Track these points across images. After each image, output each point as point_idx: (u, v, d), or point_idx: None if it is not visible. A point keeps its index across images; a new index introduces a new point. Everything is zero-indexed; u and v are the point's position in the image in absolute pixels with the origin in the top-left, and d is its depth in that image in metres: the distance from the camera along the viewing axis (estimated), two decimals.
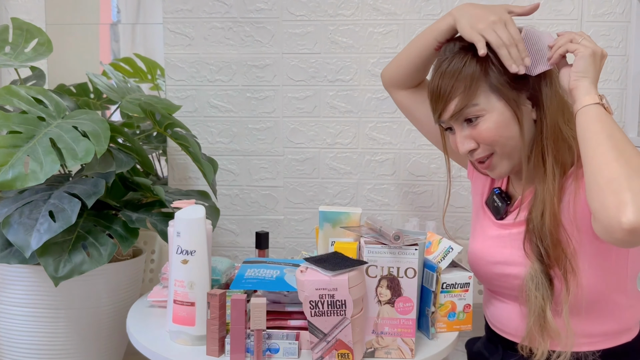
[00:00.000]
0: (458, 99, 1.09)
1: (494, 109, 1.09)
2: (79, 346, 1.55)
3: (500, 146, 1.10)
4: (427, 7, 1.78)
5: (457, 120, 1.12)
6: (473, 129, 1.11)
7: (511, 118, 1.09)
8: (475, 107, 1.09)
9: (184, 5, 1.83)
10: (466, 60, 1.10)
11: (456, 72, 1.10)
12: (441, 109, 1.12)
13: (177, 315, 1.17)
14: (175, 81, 1.87)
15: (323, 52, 1.82)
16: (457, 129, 1.13)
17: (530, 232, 1.11)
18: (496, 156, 1.12)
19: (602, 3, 1.73)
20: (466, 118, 1.11)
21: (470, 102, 1.09)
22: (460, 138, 1.12)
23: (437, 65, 1.15)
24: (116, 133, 1.57)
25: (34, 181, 1.34)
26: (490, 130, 1.09)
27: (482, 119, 1.10)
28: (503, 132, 1.09)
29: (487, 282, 1.25)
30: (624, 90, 1.75)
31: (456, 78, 1.10)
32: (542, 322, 1.07)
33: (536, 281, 1.08)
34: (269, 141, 1.86)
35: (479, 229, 1.26)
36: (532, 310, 1.08)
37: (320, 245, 1.26)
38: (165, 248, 1.81)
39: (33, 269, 1.48)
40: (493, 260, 1.18)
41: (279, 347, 1.10)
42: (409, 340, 1.11)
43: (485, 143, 1.11)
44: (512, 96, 1.09)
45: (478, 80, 1.09)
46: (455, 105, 1.10)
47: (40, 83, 1.81)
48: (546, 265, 1.08)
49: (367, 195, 1.85)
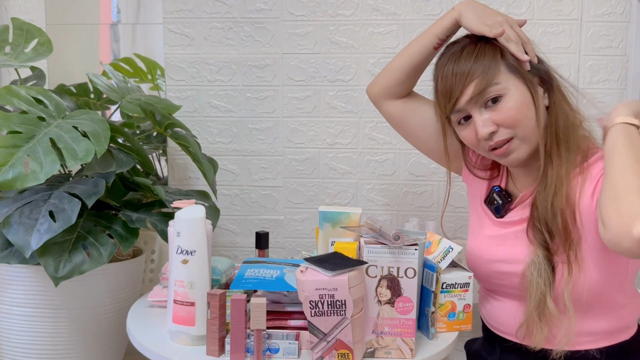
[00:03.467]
0: (478, 80, 1.07)
1: (515, 88, 1.08)
2: (79, 346, 1.55)
3: (521, 127, 1.09)
4: (427, 7, 1.78)
5: (475, 104, 1.09)
6: (494, 111, 1.09)
7: (530, 99, 1.09)
8: (498, 86, 1.08)
9: (184, 5, 1.83)
10: (479, 45, 1.10)
11: (472, 54, 1.09)
12: (459, 94, 1.09)
13: (177, 315, 1.17)
14: (175, 81, 1.87)
15: (323, 52, 1.82)
16: (475, 114, 1.10)
17: (535, 218, 1.11)
18: (516, 140, 1.10)
19: (602, 3, 1.73)
20: (487, 99, 1.08)
21: (492, 81, 1.07)
22: (480, 122, 1.09)
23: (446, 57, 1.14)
24: (116, 133, 1.57)
25: (34, 181, 1.34)
26: (513, 110, 1.08)
27: (505, 98, 1.08)
28: (525, 112, 1.08)
29: (484, 281, 1.25)
30: (624, 90, 1.75)
31: (474, 60, 1.08)
32: (542, 307, 1.07)
33: (539, 267, 1.08)
34: (269, 141, 1.86)
35: (477, 228, 1.25)
36: (533, 295, 1.08)
37: (320, 245, 1.26)
38: (165, 248, 1.81)
39: (33, 269, 1.48)
40: (491, 258, 1.18)
41: (279, 347, 1.10)
42: (409, 340, 1.11)
43: (507, 124, 1.08)
44: (528, 77, 1.10)
45: (497, 60, 1.09)
46: (475, 86, 1.08)
47: (40, 83, 1.81)
48: (550, 252, 1.08)
49: (367, 195, 1.85)
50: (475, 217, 1.28)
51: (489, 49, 1.10)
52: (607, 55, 1.75)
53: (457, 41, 1.16)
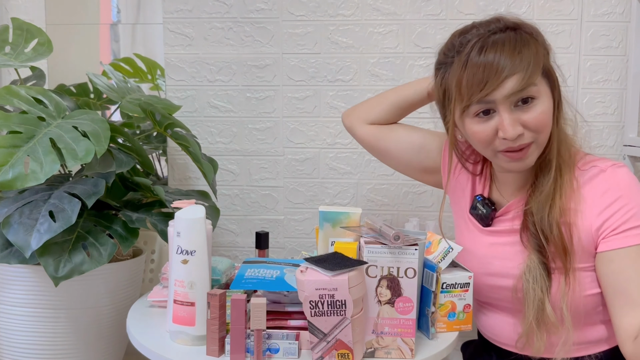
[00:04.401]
0: (520, 76, 0.98)
1: (545, 92, 1.03)
2: (79, 346, 1.55)
3: (543, 134, 1.04)
4: (427, 7, 1.78)
5: (507, 100, 1.00)
6: (524, 113, 1.01)
7: (552, 107, 1.04)
8: (535, 88, 1.00)
9: (184, 5, 1.83)
10: (521, 37, 1.00)
11: (517, 45, 0.99)
12: (495, 86, 0.98)
13: (177, 315, 1.17)
14: (175, 81, 1.87)
15: (323, 52, 1.82)
16: (504, 111, 1.01)
17: (529, 223, 1.08)
18: (534, 145, 1.04)
19: (602, 3, 1.73)
20: (522, 98, 1.00)
21: (533, 81, 0.99)
22: (510, 121, 1.00)
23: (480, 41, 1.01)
24: (116, 133, 1.57)
25: (34, 181, 1.33)
26: (544, 115, 1.01)
27: (537, 101, 1.01)
28: (549, 119, 1.03)
29: (477, 293, 1.23)
30: (624, 90, 1.75)
31: (519, 51, 0.98)
32: (540, 315, 1.05)
33: (534, 273, 1.05)
34: (269, 141, 1.86)
35: (465, 238, 1.24)
36: (531, 303, 1.06)
37: (320, 245, 1.26)
38: (165, 248, 1.81)
39: (33, 269, 1.48)
40: (485, 272, 1.17)
41: (279, 347, 1.10)
42: (409, 340, 1.11)
43: (533, 128, 1.02)
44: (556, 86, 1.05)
45: (541, 58, 1.01)
46: (516, 83, 0.98)
47: (40, 83, 1.81)
48: (545, 257, 1.06)
49: (367, 195, 1.85)
50: (463, 227, 1.25)
51: (532, 44, 1.01)
52: (607, 55, 1.75)
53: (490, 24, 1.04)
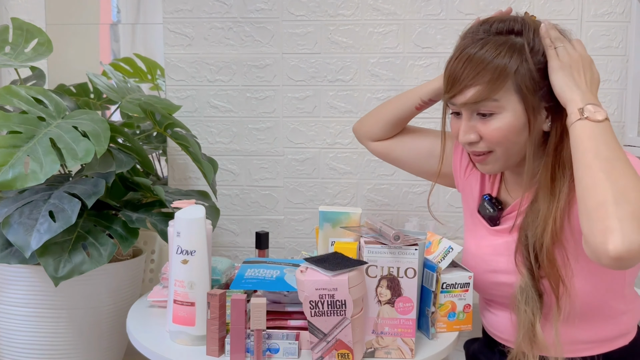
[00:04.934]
0: (480, 88, 1.02)
1: (512, 110, 1.03)
2: (78, 346, 1.55)
3: (503, 149, 1.06)
4: (427, 7, 1.78)
5: (468, 109, 1.05)
6: (482, 124, 1.05)
7: (524, 124, 1.04)
8: (494, 103, 1.03)
9: (184, 5, 1.83)
10: (502, 50, 1.02)
11: (486, 59, 1.02)
12: (456, 92, 1.04)
13: (177, 315, 1.17)
14: (175, 81, 1.87)
15: (323, 52, 1.82)
16: (465, 116, 1.06)
17: (522, 245, 1.08)
18: (494, 155, 1.08)
19: (602, 3, 1.73)
20: (480, 112, 1.04)
21: (491, 96, 1.02)
22: (465, 127, 1.06)
23: (464, 45, 1.06)
24: (116, 133, 1.57)
25: (34, 181, 1.33)
26: (499, 131, 1.04)
27: (496, 116, 1.04)
28: (511, 136, 1.04)
29: (481, 291, 1.24)
30: (624, 90, 1.75)
31: (485, 66, 1.02)
32: (531, 336, 1.05)
33: (525, 295, 1.06)
34: (269, 141, 1.86)
35: (473, 237, 1.24)
36: (522, 324, 1.06)
37: (320, 245, 1.26)
38: (165, 248, 1.81)
39: (33, 269, 1.48)
40: (489, 268, 1.17)
41: (279, 347, 1.10)
42: (409, 340, 1.11)
43: (490, 142, 1.05)
44: (533, 103, 1.03)
45: (507, 75, 1.01)
46: (474, 94, 1.02)
47: (40, 83, 1.81)
48: (536, 280, 1.05)
49: (367, 195, 1.85)
50: (471, 226, 1.26)
51: (508, 56, 1.02)
52: (607, 55, 1.75)
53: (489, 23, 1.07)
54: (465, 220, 1.29)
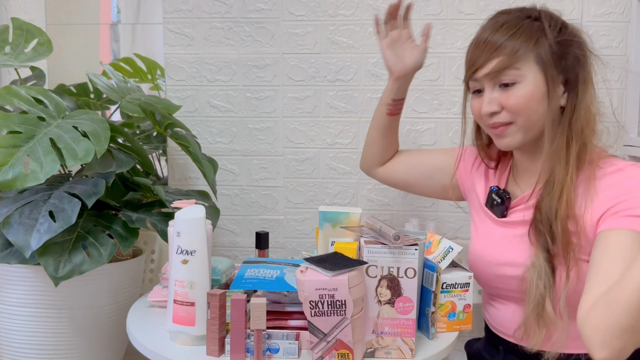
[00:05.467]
0: (502, 58, 1.09)
1: (533, 79, 1.09)
2: (78, 346, 1.55)
3: (523, 118, 1.10)
4: (427, 7, 1.78)
5: (491, 80, 1.11)
6: (504, 93, 1.10)
7: (544, 94, 1.09)
8: (516, 71, 1.09)
9: (184, 5, 1.83)
10: (522, 24, 1.11)
11: (508, 32, 1.10)
12: (481, 64, 1.11)
13: (177, 315, 1.17)
14: (175, 81, 1.87)
15: (323, 52, 1.82)
16: (487, 89, 1.12)
17: (538, 221, 1.10)
18: (514, 126, 1.12)
19: (602, 3, 1.73)
20: (502, 81, 1.10)
21: (513, 64, 1.08)
22: (487, 99, 1.12)
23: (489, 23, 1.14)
24: (116, 133, 1.57)
25: (34, 181, 1.34)
26: (521, 99, 1.09)
27: (518, 85, 1.09)
28: (532, 105, 1.09)
29: (486, 285, 1.24)
30: (624, 90, 1.75)
31: (509, 36, 1.09)
32: (540, 310, 1.07)
33: (539, 270, 1.08)
34: (269, 141, 1.86)
35: (480, 230, 1.25)
36: (532, 298, 1.08)
37: (320, 245, 1.26)
38: (165, 248, 1.81)
39: (33, 269, 1.48)
40: (494, 261, 1.18)
41: (279, 347, 1.10)
42: (409, 340, 1.11)
43: (511, 111, 1.10)
44: (552, 74, 1.09)
45: (528, 45, 1.09)
46: (497, 63, 1.09)
47: (40, 83, 1.81)
48: (551, 255, 1.08)
49: (367, 195, 1.85)
50: (478, 223, 1.27)
51: (528, 32, 1.10)
52: (607, 55, 1.74)
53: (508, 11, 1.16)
54: (472, 222, 1.30)
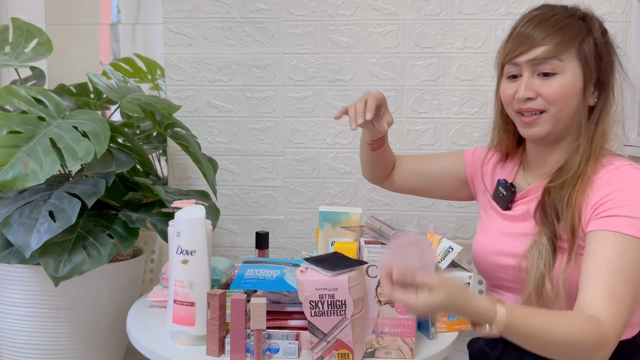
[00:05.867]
0: (549, 47, 1.10)
1: (572, 73, 1.11)
2: (78, 346, 1.55)
3: (557, 108, 1.12)
4: (427, 7, 1.78)
5: (532, 67, 1.12)
6: (542, 83, 1.11)
7: (580, 90, 1.12)
8: (559, 63, 1.10)
9: (184, 5, 1.83)
10: (573, 19, 1.13)
11: (559, 22, 1.12)
12: (524, 50, 1.12)
13: (177, 315, 1.17)
14: (175, 81, 1.87)
15: (323, 52, 1.82)
16: (526, 75, 1.13)
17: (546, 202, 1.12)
18: (546, 115, 1.13)
19: (602, 3, 1.73)
20: (543, 70, 1.11)
21: (558, 55, 1.10)
22: (525, 84, 1.12)
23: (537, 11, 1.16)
24: (116, 133, 1.57)
25: (34, 181, 1.34)
26: (559, 89, 1.10)
27: (558, 76, 1.11)
28: (567, 97, 1.11)
29: (486, 274, 1.25)
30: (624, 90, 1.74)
31: (558, 27, 1.11)
32: (540, 288, 1.08)
33: (540, 248, 1.09)
34: (269, 141, 1.86)
35: (486, 224, 1.27)
36: (532, 276, 1.09)
37: (320, 245, 1.26)
38: (165, 248, 1.81)
39: (33, 269, 1.48)
40: (496, 250, 1.19)
41: (279, 347, 1.10)
42: (409, 340, 1.11)
43: (547, 99, 1.11)
44: (590, 72, 1.12)
45: (576, 40, 1.11)
46: (544, 51, 1.10)
47: (40, 83, 1.81)
48: (555, 236, 1.09)
49: (367, 195, 1.85)
50: (484, 217, 1.29)
51: (576, 28, 1.12)
52: None
53: (552, 7, 1.17)
54: (480, 220, 1.31)
